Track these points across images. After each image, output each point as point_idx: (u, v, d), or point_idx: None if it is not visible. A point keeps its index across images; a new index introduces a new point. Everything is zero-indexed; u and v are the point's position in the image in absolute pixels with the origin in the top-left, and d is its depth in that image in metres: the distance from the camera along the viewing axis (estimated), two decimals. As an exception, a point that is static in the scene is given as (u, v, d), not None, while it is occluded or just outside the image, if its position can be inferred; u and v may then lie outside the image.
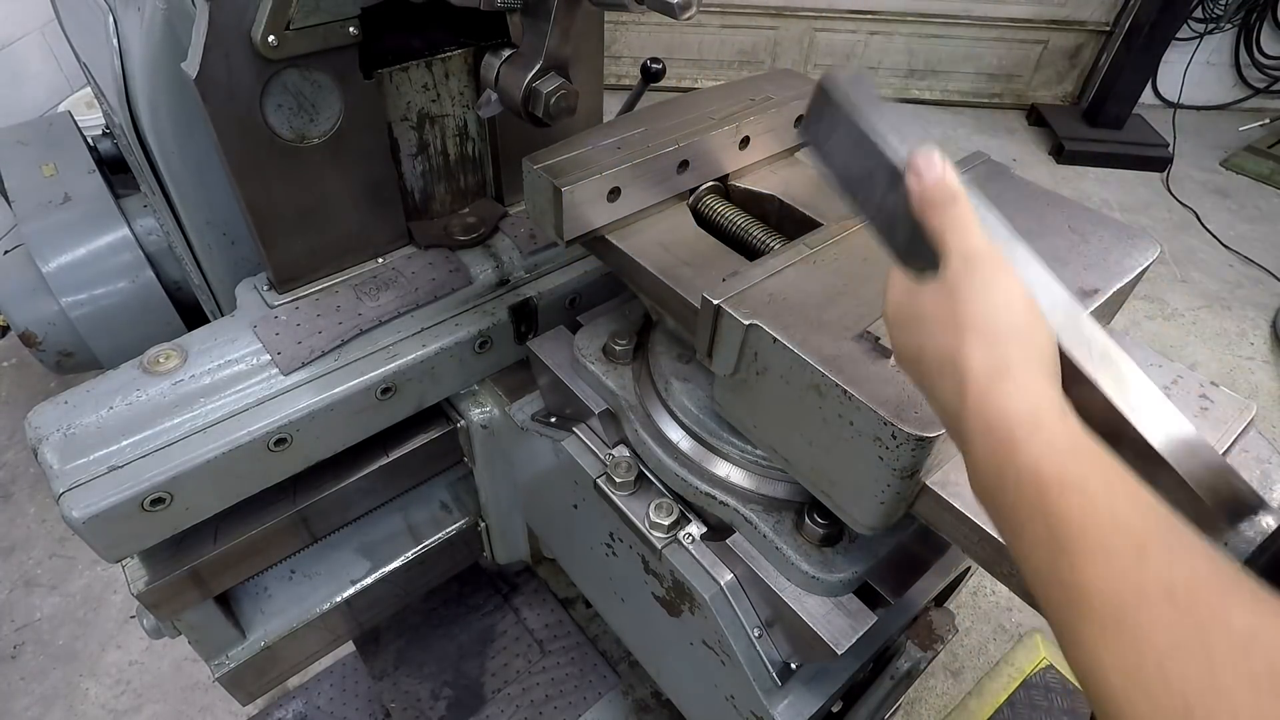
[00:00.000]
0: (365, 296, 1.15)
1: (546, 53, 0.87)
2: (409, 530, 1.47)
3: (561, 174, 0.92)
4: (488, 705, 1.66)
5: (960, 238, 0.60)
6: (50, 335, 1.56)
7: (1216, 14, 4.52)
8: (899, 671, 1.04)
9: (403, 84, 1.14)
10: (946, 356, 0.58)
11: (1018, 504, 0.50)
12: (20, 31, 3.01)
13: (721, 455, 0.95)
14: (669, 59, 4.16)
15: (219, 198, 1.12)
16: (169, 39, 0.98)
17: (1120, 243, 0.94)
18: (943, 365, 0.59)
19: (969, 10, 4.63)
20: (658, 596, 1.06)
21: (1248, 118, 4.91)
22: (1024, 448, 0.50)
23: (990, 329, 0.56)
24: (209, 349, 1.06)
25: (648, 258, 0.97)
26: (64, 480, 0.92)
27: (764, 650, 0.95)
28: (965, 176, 0.63)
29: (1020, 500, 0.50)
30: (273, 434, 1.01)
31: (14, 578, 2.32)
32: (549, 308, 1.25)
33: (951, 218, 0.61)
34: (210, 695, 2.04)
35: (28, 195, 1.65)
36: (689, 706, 1.22)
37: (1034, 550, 0.49)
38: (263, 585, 1.37)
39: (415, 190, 1.26)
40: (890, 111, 0.66)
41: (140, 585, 1.07)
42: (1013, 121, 4.89)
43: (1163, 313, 3.48)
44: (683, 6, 0.74)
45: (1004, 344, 0.56)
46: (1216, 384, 0.90)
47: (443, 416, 1.31)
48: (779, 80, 1.18)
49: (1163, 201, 4.20)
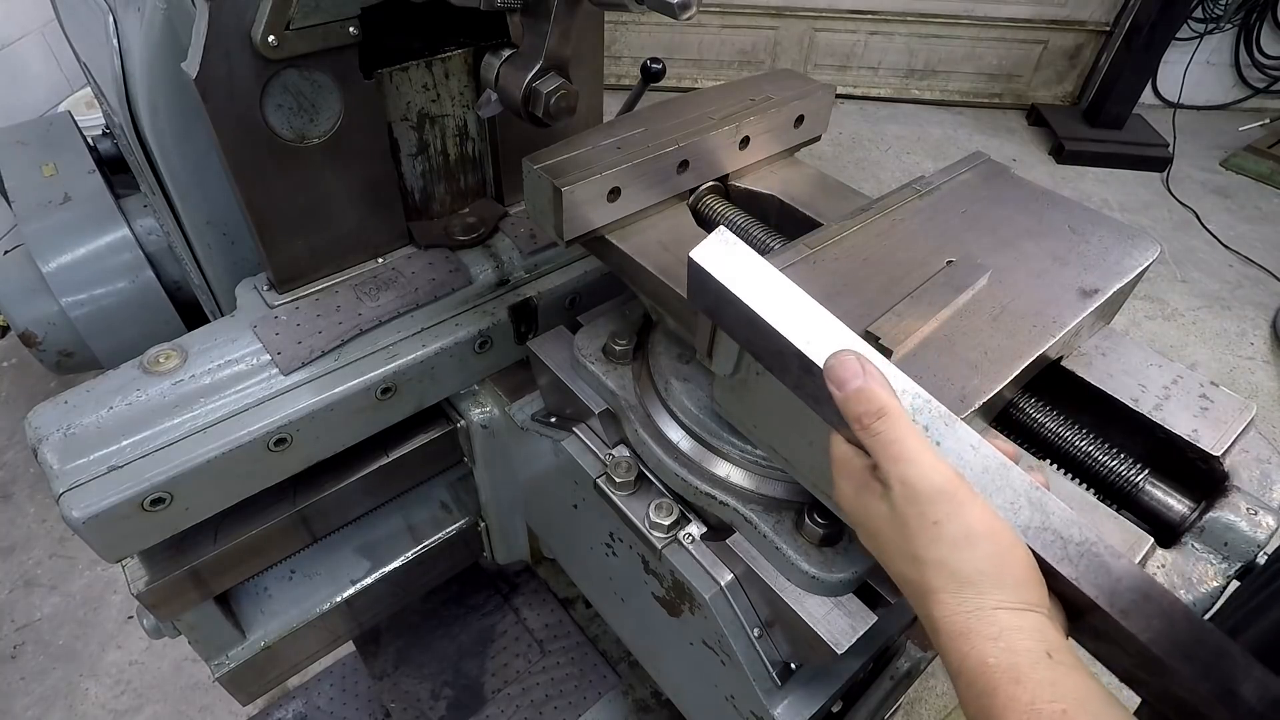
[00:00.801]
0: (365, 296, 1.15)
1: (546, 53, 0.87)
2: (409, 530, 1.47)
3: (561, 174, 0.92)
4: (488, 705, 1.66)
5: (898, 465, 0.52)
6: (50, 335, 1.56)
7: (1216, 14, 4.52)
8: (899, 671, 1.04)
9: (403, 84, 1.14)
10: (912, 586, 0.54)
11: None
12: (20, 31, 3.01)
13: (721, 455, 0.95)
14: (669, 59, 4.16)
15: (219, 198, 1.12)
16: (169, 39, 0.98)
17: (1120, 243, 0.94)
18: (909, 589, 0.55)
19: (969, 10, 4.64)
20: (658, 596, 1.06)
21: (1248, 118, 4.91)
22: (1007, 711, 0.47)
23: (952, 573, 0.51)
24: (209, 349, 1.06)
25: (648, 258, 0.97)
26: (64, 480, 0.92)
27: (764, 650, 0.95)
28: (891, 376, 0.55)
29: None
30: (273, 434, 1.01)
31: (14, 578, 2.32)
32: (549, 308, 1.25)
33: (884, 439, 0.53)
34: (210, 695, 2.04)
35: (28, 195, 1.65)
36: (689, 706, 1.22)
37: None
38: (263, 585, 1.37)
39: (415, 190, 1.26)
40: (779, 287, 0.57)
41: (140, 585, 1.07)
42: (1013, 121, 4.89)
43: (1163, 313, 3.49)
44: (683, 6, 0.74)
45: (970, 589, 0.50)
46: (1216, 384, 0.90)
47: (443, 416, 1.31)
48: (779, 80, 1.18)
49: (1163, 201, 4.20)
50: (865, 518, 0.57)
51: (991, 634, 0.49)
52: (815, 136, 1.21)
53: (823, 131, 1.22)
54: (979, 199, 1.01)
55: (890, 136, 4.65)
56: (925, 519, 0.52)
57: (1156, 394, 0.89)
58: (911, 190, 1.01)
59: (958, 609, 0.51)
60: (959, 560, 0.51)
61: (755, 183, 1.13)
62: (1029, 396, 0.88)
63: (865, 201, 1.04)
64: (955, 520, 0.52)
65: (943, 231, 0.94)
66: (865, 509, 0.57)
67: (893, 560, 0.55)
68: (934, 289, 0.84)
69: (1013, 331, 0.82)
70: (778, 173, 1.16)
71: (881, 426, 0.53)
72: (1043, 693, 0.46)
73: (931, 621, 0.52)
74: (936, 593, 0.51)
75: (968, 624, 0.50)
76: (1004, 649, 0.48)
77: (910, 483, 0.52)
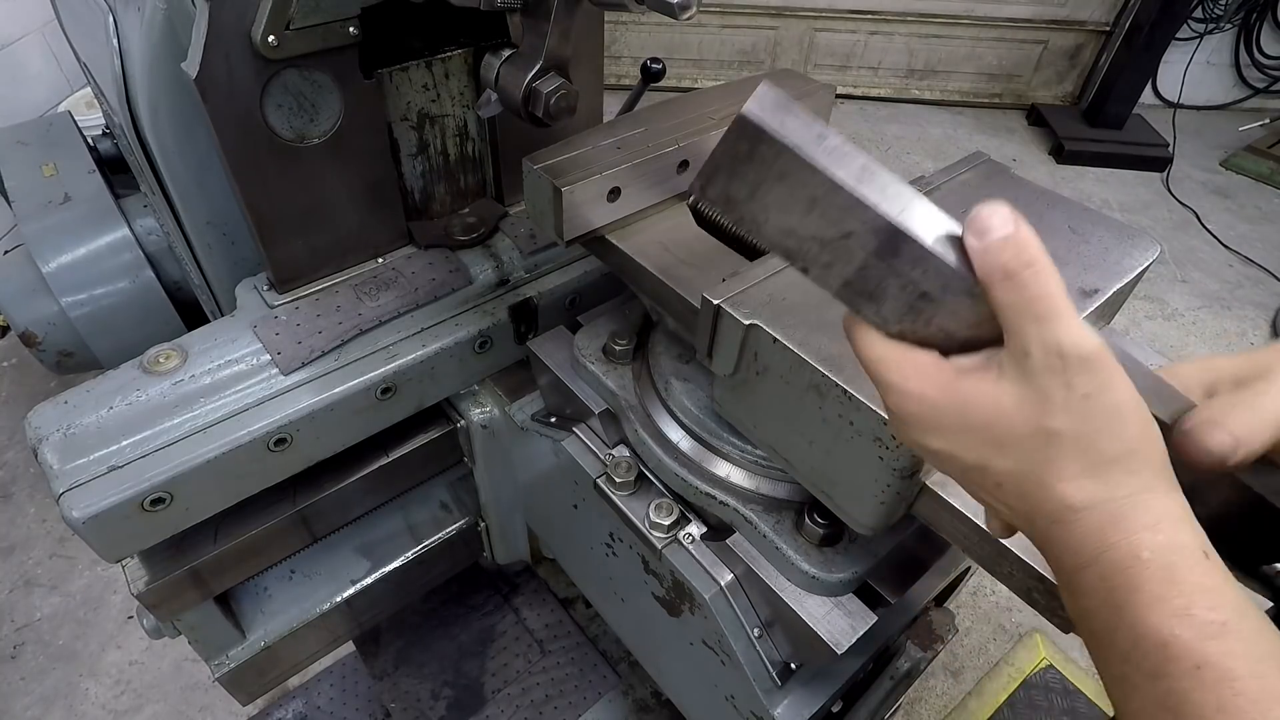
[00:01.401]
0: (365, 296, 1.15)
1: (546, 53, 0.87)
2: (409, 530, 1.47)
3: (561, 174, 0.92)
4: (488, 705, 1.66)
5: (1046, 325, 0.44)
6: (50, 335, 1.56)
7: (1216, 14, 4.52)
8: (899, 671, 1.04)
9: (403, 84, 1.14)
10: (1033, 480, 0.46)
11: (1131, 664, 0.42)
12: (20, 31, 3.01)
13: (721, 455, 0.95)
14: (669, 59, 4.16)
15: (219, 198, 1.12)
16: (169, 39, 0.98)
17: (1120, 243, 0.94)
18: (1025, 489, 0.47)
19: (969, 10, 4.63)
20: (658, 596, 1.06)
21: (1248, 118, 4.91)
22: (1152, 610, 0.41)
23: (1099, 453, 0.44)
24: (209, 349, 1.06)
25: (648, 258, 0.97)
26: (64, 480, 0.92)
27: (764, 650, 0.95)
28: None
29: (1136, 664, 0.42)
30: (273, 434, 1.01)
31: (14, 578, 2.32)
32: (549, 308, 1.25)
33: (1031, 294, 0.44)
34: (210, 695, 2.04)
35: (28, 195, 1.65)
36: (689, 706, 1.22)
37: (1147, 707, 0.42)
38: (263, 585, 1.37)
39: (415, 190, 1.26)
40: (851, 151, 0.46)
41: (140, 585, 1.07)
42: (1013, 121, 4.89)
43: (1163, 313, 3.48)
44: (683, 6, 0.74)
45: (1120, 470, 0.44)
46: (1216, 384, 0.89)
47: (443, 416, 1.31)
48: (779, 80, 1.18)
49: (1163, 201, 4.20)
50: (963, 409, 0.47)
51: (1148, 522, 0.43)
52: (815, 136, 1.20)
53: (823, 131, 1.21)
54: (979, 199, 1.00)
55: (890, 136, 4.65)
56: (1074, 391, 0.44)
57: (1156, 394, 0.88)
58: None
59: (1107, 494, 0.44)
60: (1109, 437, 0.44)
61: (755, 183, 1.13)
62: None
63: (865, 201, 1.04)
64: (1107, 393, 0.44)
65: (943, 231, 0.94)
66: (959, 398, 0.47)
67: (1003, 453, 0.47)
68: (934, 289, 0.84)
69: (1013, 331, 0.82)
70: (778, 173, 1.16)
71: (1030, 277, 0.44)
72: (1200, 598, 0.41)
73: (1063, 510, 0.45)
74: (1074, 477, 0.44)
75: (1120, 510, 0.43)
76: (1163, 543, 0.42)
77: (1061, 347, 0.44)
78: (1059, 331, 0.43)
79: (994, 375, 0.47)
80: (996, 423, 0.46)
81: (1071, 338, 0.44)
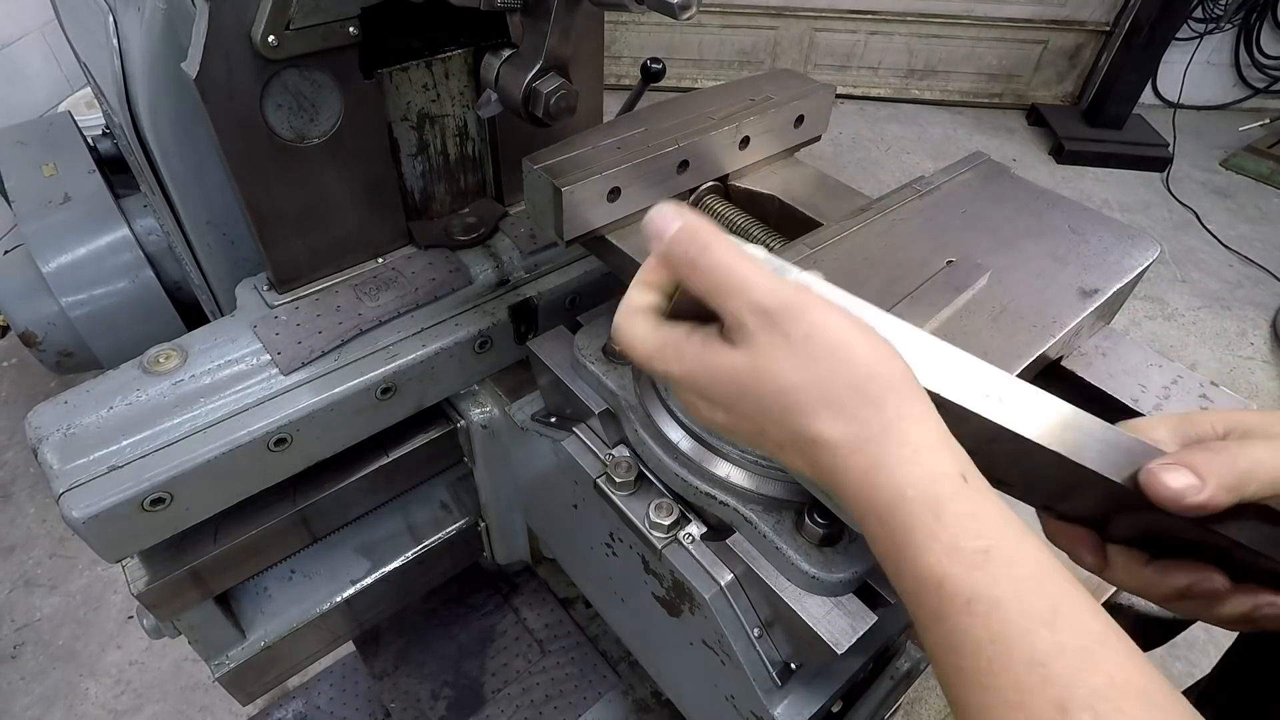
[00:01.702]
0: (365, 296, 1.15)
1: (546, 53, 0.87)
2: (409, 530, 1.47)
3: (561, 174, 0.92)
4: (488, 705, 1.66)
5: (741, 294, 0.46)
6: (50, 335, 1.56)
7: (1216, 14, 4.52)
8: (899, 671, 1.04)
9: (403, 84, 1.14)
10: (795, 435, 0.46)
11: (919, 606, 0.43)
12: (20, 31, 3.01)
13: (721, 455, 0.95)
14: (669, 59, 4.16)
15: (219, 198, 1.12)
16: (169, 39, 0.98)
17: (1120, 243, 0.94)
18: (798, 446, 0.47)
19: (969, 10, 4.64)
20: (658, 596, 1.06)
21: (1248, 118, 4.91)
22: (926, 551, 0.41)
23: (835, 389, 0.44)
24: (209, 349, 1.06)
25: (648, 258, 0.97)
26: (64, 480, 0.92)
27: (764, 650, 0.95)
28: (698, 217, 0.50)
29: (923, 606, 0.42)
30: (273, 434, 1.01)
31: (14, 578, 2.32)
32: (549, 308, 1.25)
33: (717, 275, 0.47)
34: (210, 695, 2.05)
35: (28, 195, 1.65)
36: (689, 706, 1.22)
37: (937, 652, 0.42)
38: (263, 585, 1.37)
39: (415, 190, 1.26)
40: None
41: (140, 585, 1.07)
42: (1013, 121, 4.89)
43: (1163, 313, 3.49)
44: (683, 6, 0.74)
45: (869, 406, 0.44)
46: (1216, 384, 0.90)
47: (443, 416, 1.31)
48: (779, 80, 1.18)
49: (1163, 201, 4.20)
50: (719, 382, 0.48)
51: (905, 456, 0.42)
52: (815, 136, 1.21)
53: (823, 131, 1.22)
54: (979, 199, 1.01)
55: (890, 136, 4.65)
56: (791, 337, 0.45)
57: (1156, 394, 0.89)
58: (911, 190, 1.01)
59: (859, 429, 0.43)
60: (840, 370, 0.44)
61: (755, 183, 1.13)
62: (1029, 396, 0.88)
63: (865, 201, 1.04)
64: (825, 331, 0.45)
65: (943, 231, 0.94)
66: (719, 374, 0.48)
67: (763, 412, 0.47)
68: (934, 289, 0.84)
69: (1012, 331, 0.82)
70: (778, 173, 1.16)
71: (711, 260, 0.47)
72: (964, 527, 0.41)
73: (830, 464, 0.45)
74: (822, 417, 0.44)
75: (880, 450, 0.43)
76: (923, 475, 0.42)
77: (762, 306, 0.46)
78: (754, 294, 0.46)
79: (729, 348, 0.48)
80: (746, 390, 0.48)
81: (767, 294, 0.46)
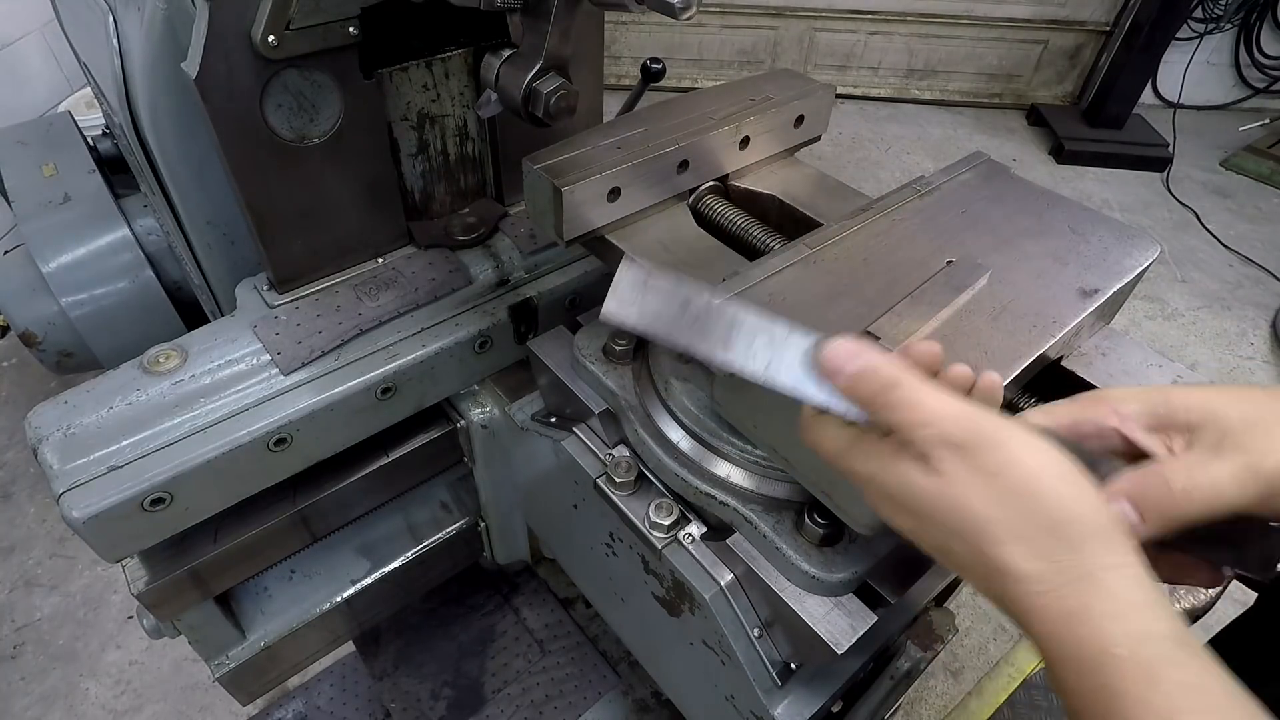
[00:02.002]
0: (365, 296, 1.15)
1: (546, 53, 0.87)
2: (409, 530, 1.47)
3: (561, 174, 0.92)
4: (488, 705, 1.66)
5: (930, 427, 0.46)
6: (50, 335, 1.56)
7: (1216, 14, 4.52)
8: (899, 671, 1.03)
9: (403, 84, 1.14)
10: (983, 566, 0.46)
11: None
12: (20, 31, 3.01)
13: (721, 455, 0.95)
14: (669, 59, 4.16)
15: (219, 198, 1.12)
16: (169, 39, 0.98)
17: (1120, 243, 0.94)
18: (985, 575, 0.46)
19: (969, 10, 4.64)
20: (658, 596, 1.06)
21: (1248, 118, 4.91)
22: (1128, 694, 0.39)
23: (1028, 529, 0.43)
24: (209, 349, 1.06)
25: (648, 258, 0.97)
26: (64, 480, 0.92)
27: (764, 650, 0.95)
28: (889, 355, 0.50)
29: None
30: (273, 434, 1.01)
31: (14, 578, 2.32)
32: (549, 308, 1.25)
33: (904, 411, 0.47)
34: (210, 695, 2.04)
35: (28, 195, 1.65)
36: (689, 706, 1.22)
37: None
38: (263, 585, 1.37)
39: (415, 190, 1.26)
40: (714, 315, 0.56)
41: (140, 585, 1.07)
42: (1013, 121, 4.89)
43: (1163, 313, 3.49)
44: (683, 7, 0.74)
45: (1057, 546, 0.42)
46: (1216, 384, 0.89)
47: (443, 416, 1.31)
48: (779, 80, 1.18)
49: (1163, 201, 4.20)
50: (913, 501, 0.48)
51: (1110, 610, 0.41)
52: (815, 136, 1.21)
53: (823, 131, 1.22)
54: (979, 199, 1.01)
55: (890, 136, 4.65)
56: (980, 472, 0.44)
57: (1156, 394, 0.88)
58: (911, 190, 1.01)
59: (1057, 577, 0.42)
60: (1042, 512, 0.43)
61: (755, 183, 1.13)
62: (1029, 397, 0.88)
63: (865, 201, 1.04)
64: (1014, 468, 0.44)
65: (943, 231, 0.94)
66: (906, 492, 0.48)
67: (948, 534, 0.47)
68: (934, 289, 0.84)
69: (1013, 331, 0.82)
70: (778, 173, 1.16)
71: (898, 397, 0.47)
72: (1183, 700, 0.39)
73: (1018, 598, 0.43)
74: (1020, 558, 0.43)
75: (1080, 599, 0.41)
76: (1132, 635, 0.40)
77: (951, 439, 0.46)
78: (944, 427, 0.46)
79: (920, 471, 0.48)
80: (935, 513, 0.47)
81: (956, 426, 0.46)
